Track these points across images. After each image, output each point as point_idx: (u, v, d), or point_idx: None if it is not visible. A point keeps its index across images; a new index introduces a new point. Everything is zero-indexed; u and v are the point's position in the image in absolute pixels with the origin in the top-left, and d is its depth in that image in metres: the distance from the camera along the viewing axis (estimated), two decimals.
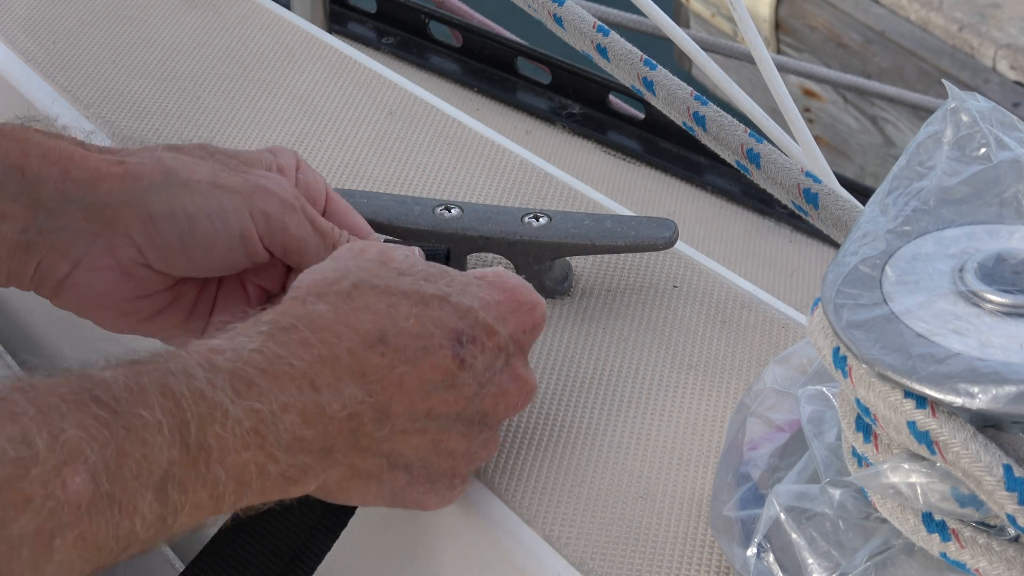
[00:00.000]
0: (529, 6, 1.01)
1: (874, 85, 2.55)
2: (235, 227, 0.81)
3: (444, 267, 0.78)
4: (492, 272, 0.80)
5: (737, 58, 2.20)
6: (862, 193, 0.92)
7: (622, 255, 0.97)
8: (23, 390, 0.60)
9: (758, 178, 0.91)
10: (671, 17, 1.16)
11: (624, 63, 0.96)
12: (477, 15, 1.85)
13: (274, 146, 0.89)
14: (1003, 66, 3.25)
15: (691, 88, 0.95)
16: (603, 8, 1.94)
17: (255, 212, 0.81)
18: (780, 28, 3.59)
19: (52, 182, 0.79)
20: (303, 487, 0.69)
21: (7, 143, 0.79)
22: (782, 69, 1.00)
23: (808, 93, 3.46)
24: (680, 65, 3.35)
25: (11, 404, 0.59)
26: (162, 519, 0.62)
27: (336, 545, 0.90)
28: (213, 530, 0.74)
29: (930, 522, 0.64)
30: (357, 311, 0.72)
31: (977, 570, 0.63)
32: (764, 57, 1.00)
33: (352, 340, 0.70)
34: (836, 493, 0.68)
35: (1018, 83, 3.22)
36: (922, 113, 2.64)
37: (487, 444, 0.78)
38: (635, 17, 2.00)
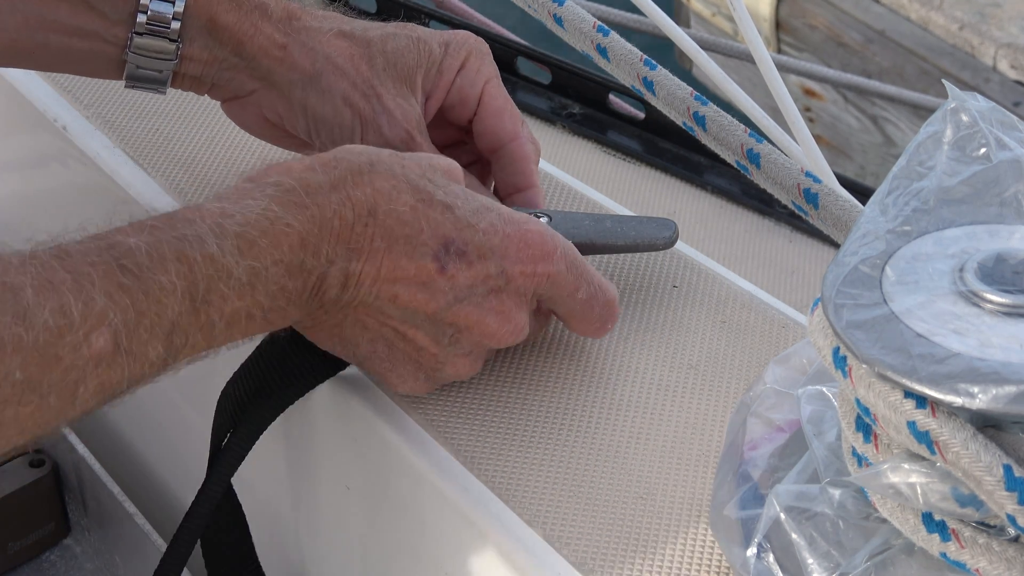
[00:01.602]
0: (529, 6, 1.01)
1: (874, 84, 2.55)
2: (348, 138, 0.93)
3: (475, 194, 0.81)
4: (523, 215, 0.82)
5: (737, 57, 2.20)
6: (862, 193, 0.92)
7: (622, 255, 0.97)
8: (60, 258, 0.68)
9: (758, 178, 0.91)
10: (671, 17, 1.15)
11: (624, 63, 0.96)
12: (477, 15, 1.85)
13: (456, 33, 0.96)
14: (1003, 65, 3.25)
15: (691, 88, 0.95)
16: (603, 8, 1.94)
17: (364, 141, 0.92)
18: (780, 27, 3.59)
19: (227, 47, 0.92)
20: (278, 325, 0.77)
21: (203, 10, 0.91)
22: (782, 69, 1.00)
23: (808, 92, 3.46)
24: (680, 65, 3.35)
25: (51, 273, 0.67)
26: (164, 361, 0.71)
27: (337, 545, 0.90)
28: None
29: (930, 522, 0.64)
30: (358, 185, 0.77)
31: (977, 570, 0.63)
32: (764, 57, 1.00)
33: (343, 206, 0.76)
34: (836, 493, 0.68)
35: (1018, 82, 3.22)
36: (922, 112, 2.63)
37: (458, 360, 0.82)
38: (635, 17, 2.00)
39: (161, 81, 0.93)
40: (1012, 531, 0.62)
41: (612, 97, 1.65)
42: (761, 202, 1.64)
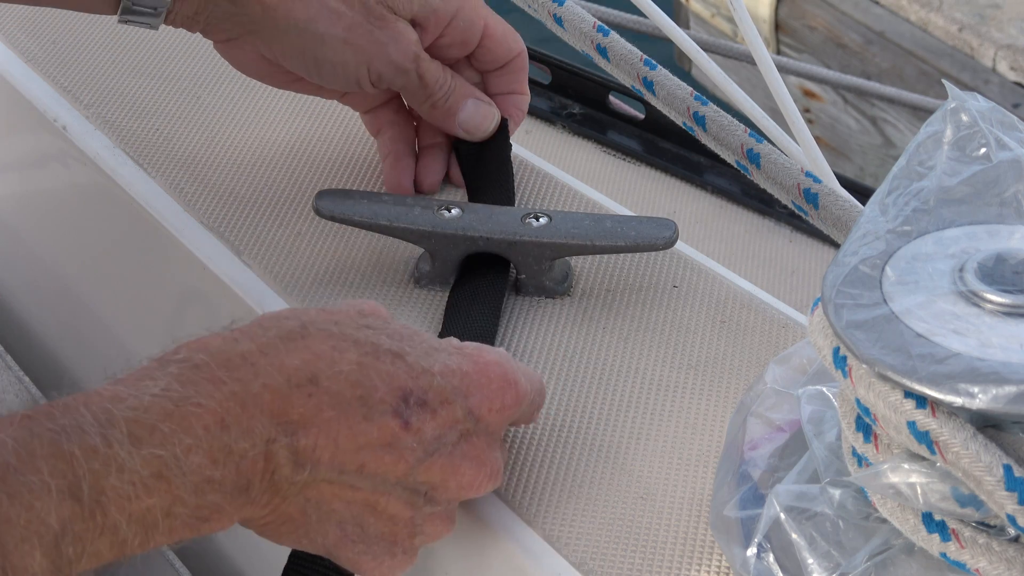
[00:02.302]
0: (529, 6, 1.01)
1: (874, 86, 2.55)
2: (352, 76, 0.95)
3: (419, 332, 0.75)
4: (473, 345, 0.76)
5: (737, 58, 2.20)
6: (862, 193, 0.92)
7: (622, 255, 0.97)
8: None
9: (758, 178, 0.91)
10: (671, 18, 1.15)
11: (624, 63, 0.96)
12: None
13: None
14: (1003, 67, 3.25)
15: (691, 88, 0.95)
16: (603, 8, 1.94)
17: (372, 70, 0.94)
18: (780, 29, 3.58)
19: None
20: (217, 524, 0.68)
21: None
22: (782, 70, 1.00)
23: (808, 94, 3.46)
24: (680, 65, 3.34)
25: None
26: (54, 573, 0.62)
27: None
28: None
29: (930, 522, 0.64)
30: (293, 350, 0.69)
31: (977, 570, 0.63)
32: (764, 57, 1.00)
33: (273, 377, 0.68)
34: (836, 493, 0.68)
35: (1018, 84, 3.21)
36: (922, 114, 2.63)
37: (435, 521, 0.74)
38: (635, 18, 2.00)
39: (155, 16, 0.93)
40: (1012, 531, 0.62)
41: (612, 97, 1.65)
42: (761, 202, 1.63)
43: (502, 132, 1.02)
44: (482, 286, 0.92)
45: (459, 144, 1.02)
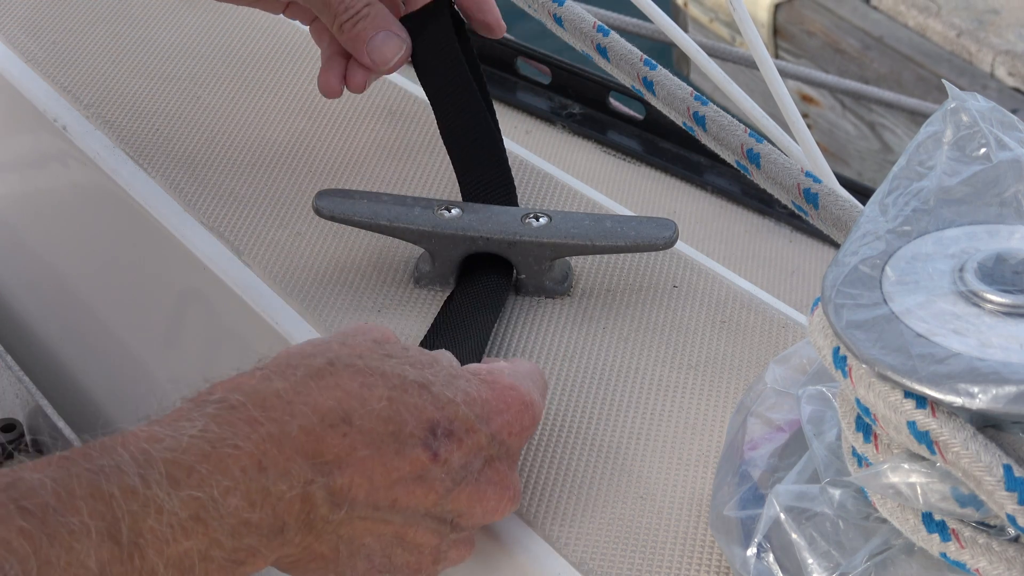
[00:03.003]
0: (529, 6, 1.01)
1: (872, 90, 2.55)
2: None
3: (437, 356, 0.76)
4: (487, 368, 0.77)
5: (736, 62, 2.20)
6: (862, 193, 0.92)
7: (622, 255, 0.97)
8: None
9: (758, 178, 0.91)
10: None
11: (624, 63, 0.96)
12: None
13: None
14: (1001, 72, 3.25)
15: (691, 88, 0.95)
16: (604, 12, 1.94)
17: None
18: (778, 34, 3.59)
19: None
20: (252, 568, 0.67)
21: None
22: (781, 73, 1.00)
23: (806, 99, 3.46)
24: (678, 69, 3.35)
25: None
26: None
27: None
28: None
29: (930, 522, 0.64)
30: (324, 388, 0.69)
31: (977, 570, 0.63)
32: (764, 57, 1.00)
33: (307, 418, 0.68)
34: (836, 493, 0.68)
35: (1016, 89, 3.22)
36: (920, 119, 2.63)
37: (459, 546, 0.75)
38: (634, 21, 2.00)
39: None
40: (1012, 531, 0.62)
41: (612, 97, 1.65)
42: (761, 202, 1.64)
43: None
44: (482, 296, 0.92)
45: (449, 140, 1.01)
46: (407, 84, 1.14)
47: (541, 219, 0.93)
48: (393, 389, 0.71)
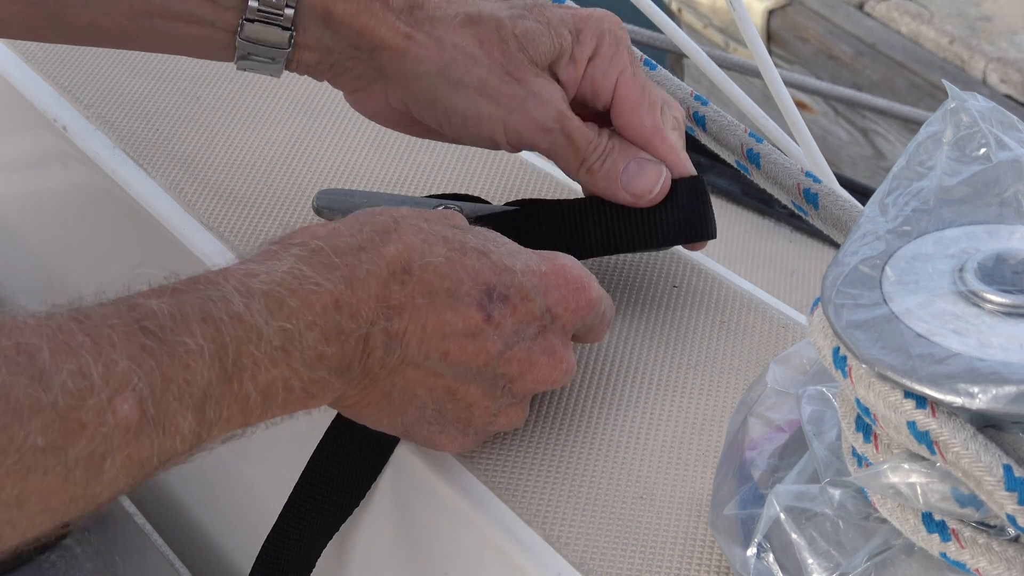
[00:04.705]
0: None
1: (865, 97, 2.55)
2: (486, 132, 0.88)
3: (501, 236, 0.79)
4: (550, 252, 0.80)
5: (733, 68, 2.20)
6: (862, 193, 0.92)
7: (622, 255, 0.97)
8: (78, 320, 0.64)
9: (758, 178, 0.91)
10: None
11: None
12: None
13: (589, 16, 0.88)
14: (994, 79, 3.26)
15: (691, 88, 0.95)
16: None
17: (508, 127, 0.87)
18: (772, 40, 3.59)
19: (345, 39, 0.86)
20: (320, 400, 0.72)
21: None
22: None
23: (799, 105, 3.46)
24: (673, 72, 3.35)
25: (68, 336, 0.62)
26: (198, 435, 0.65)
27: (336, 545, 0.90)
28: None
29: (930, 522, 0.64)
30: (388, 241, 0.74)
31: (977, 570, 0.63)
32: (764, 58, 1.00)
33: (376, 264, 0.72)
34: (836, 493, 0.68)
35: (1009, 96, 3.22)
36: (912, 126, 2.64)
37: (510, 411, 0.79)
38: (631, 26, 2.00)
39: (275, 66, 0.88)
40: (1012, 531, 0.62)
41: None
42: (761, 202, 1.64)
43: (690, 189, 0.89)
44: None
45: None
46: None
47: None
48: (452, 250, 0.75)
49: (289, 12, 0.85)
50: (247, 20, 0.85)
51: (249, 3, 0.85)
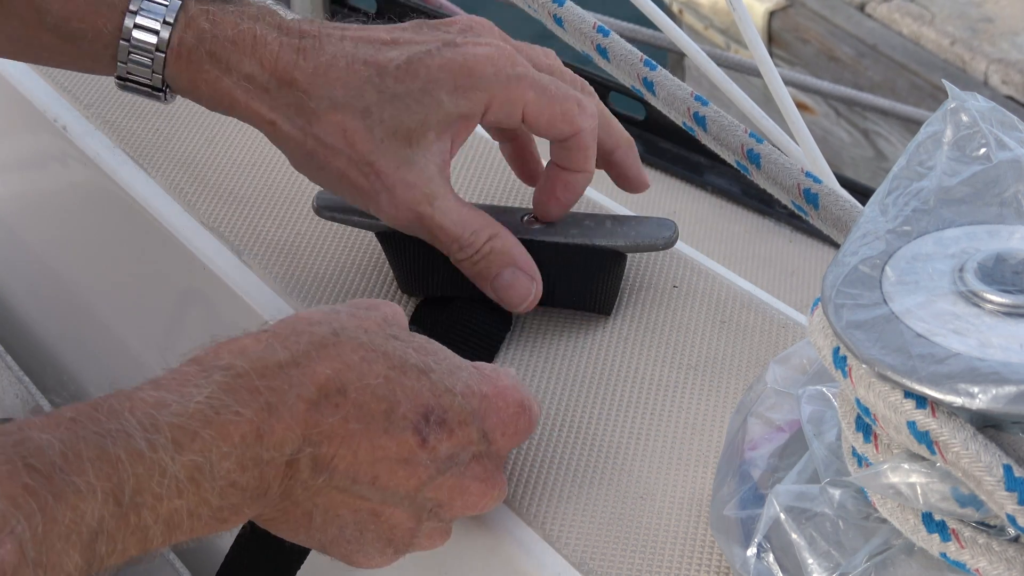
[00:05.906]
0: (529, 6, 1.01)
1: (866, 97, 2.55)
2: (360, 204, 0.88)
3: (445, 348, 0.76)
4: (492, 367, 0.78)
5: (734, 68, 2.20)
6: (862, 193, 0.92)
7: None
8: None
9: (758, 178, 0.91)
10: None
11: (624, 63, 0.96)
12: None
13: (474, 74, 0.86)
14: (995, 80, 3.26)
15: (691, 88, 0.95)
16: (605, 18, 1.94)
17: (374, 209, 0.87)
18: (773, 41, 3.59)
19: (217, 109, 0.87)
20: (233, 524, 0.69)
21: (183, 75, 0.86)
22: None
23: (800, 106, 3.46)
24: (674, 73, 3.35)
25: None
26: (86, 570, 0.63)
27: None
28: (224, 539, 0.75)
29: (930, 522, 0.64)
30: (325, 358, 0.70)
31: (977, 570, 0.63)
32: (764, 57, 1.00)
33: (306, 388, 0.69)
34: (836, 493, 0.68)
35: (1010, 97, 3.22)
36: (914, 127, 2.63)
37: (434, 534, 0.76)
38: (631, 25, 2.00)
39: (155, 96, 0.88)
40: (1012, 531, 0.62)
41: (612, 98, 1.65)
42: (761, 202, 1.64)
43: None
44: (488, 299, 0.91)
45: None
46: None
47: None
48: (392, 369, 0.72)
49: (157, 79, 0.86)
50: (119, 79, 0.87)
51: (118, 69, 0.86)
